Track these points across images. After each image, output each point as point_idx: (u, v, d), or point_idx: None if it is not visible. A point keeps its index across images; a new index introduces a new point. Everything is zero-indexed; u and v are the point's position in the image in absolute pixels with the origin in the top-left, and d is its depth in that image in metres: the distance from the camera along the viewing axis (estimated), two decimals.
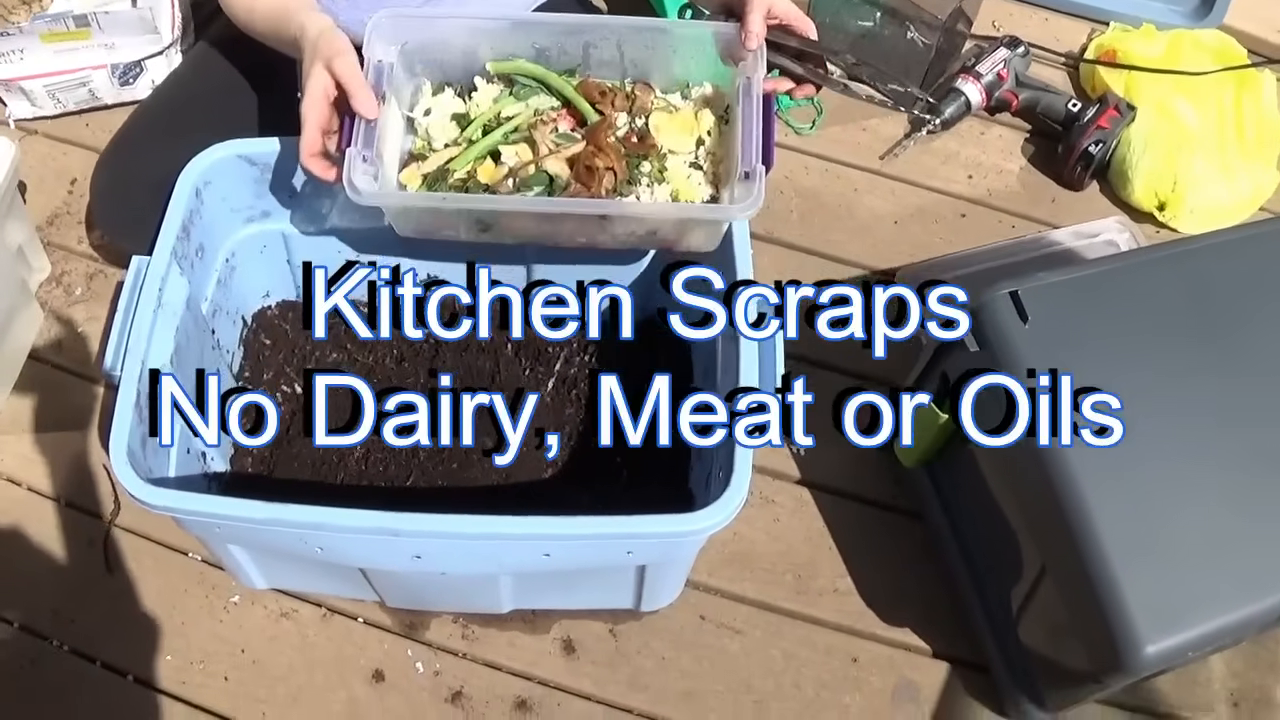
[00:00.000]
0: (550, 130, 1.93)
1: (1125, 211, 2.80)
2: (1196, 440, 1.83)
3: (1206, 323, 1.92)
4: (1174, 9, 3.07)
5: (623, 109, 1.96)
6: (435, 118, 1.98)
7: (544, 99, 1.98)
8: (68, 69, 2.72)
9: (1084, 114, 2.77)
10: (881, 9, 2.87)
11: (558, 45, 1.99)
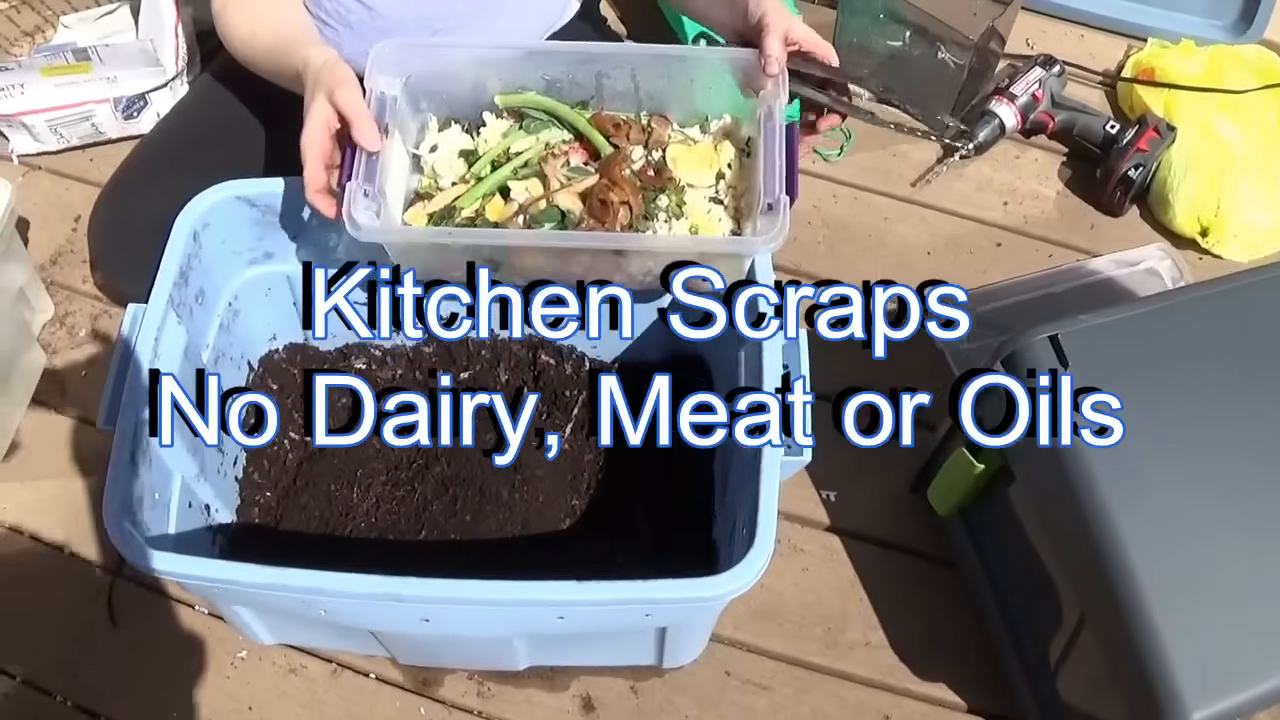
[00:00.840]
0: (562, 164, 1.85)
1: (1166, 237, 2.71)
2: (1248, 491, 1.74)
3: (1255, 366, 1.83)
4: (1213, 23, 2.99)
5: (638, 142, 1.88)
6: (441, 154, 1.91)
7: (555, 132, 1.90)
8: (70, 103, 2.66)
9: (1122, 136, 2.68)
10: (911, 29, 2.79)
11: (569, 76, 1.90)
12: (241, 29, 2.04)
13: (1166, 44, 2.95)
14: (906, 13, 2.75)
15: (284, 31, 1.99)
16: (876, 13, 2.80)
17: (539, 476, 2.07)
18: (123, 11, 2.91)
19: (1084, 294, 2.56)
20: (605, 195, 1.78)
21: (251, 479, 2.12)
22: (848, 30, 2.86)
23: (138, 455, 1.74)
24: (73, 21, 2.91)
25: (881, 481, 2.31)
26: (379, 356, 2.21)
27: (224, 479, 2.06)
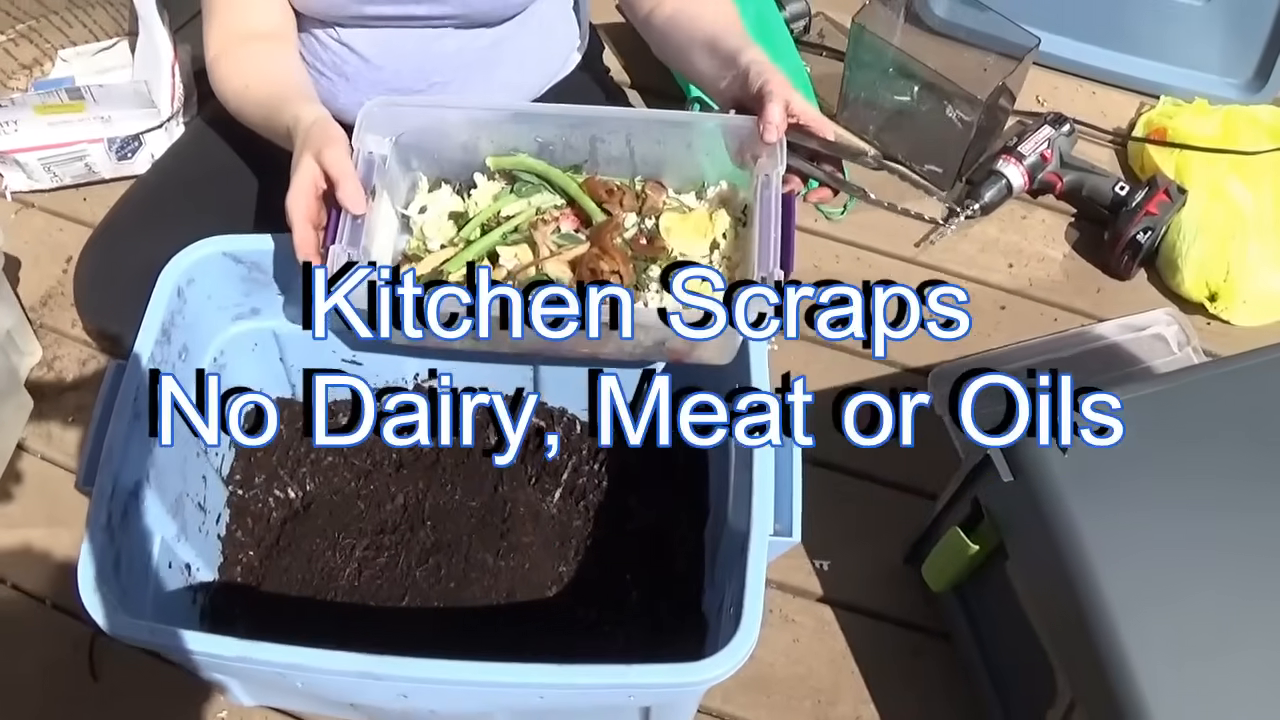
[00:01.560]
0: (552, 230, 1.81)
1: (1174, 301, 2.67)
2: (1251, 577, 1.70)
3: (1263, 449, 1.78)
4: (1228, 81, 2.96)
5: (631, 209, 1.85)
6: (431, 216, 1.88)
7: (547, 196, 1.86)
8: (63, 142, 2.64)
9: (1132, 198, 2.64)
10: (919, 84, 2.76)
11: (562, 139, 1.87)
12: (235, 82, 2.01)
13: (1180, 102, 2.92)
14: (915, 68, 2.72)
15: (277, 87, 1.97)
16: (885, 67, 2.78)
17: (526, 543, 2.04)
18: (121, 47, 2.90)
19: (1089, 360, 2.53)
20: (595, 264, 1.75)
21: (234, 537, 2.09)
22: (855, 84, 2.83)
23: (115, 517, 1.71)
24: (70, 56, 2.90)
25: (875, 551, 2.28)
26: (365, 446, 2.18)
27: (206, 538, 2.03)
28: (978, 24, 2.80)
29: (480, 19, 2.08)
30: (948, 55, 2.80)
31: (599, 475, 2.14)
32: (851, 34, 2.74)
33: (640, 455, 2.15)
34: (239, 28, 2.04)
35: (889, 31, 2.85)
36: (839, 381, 2.50)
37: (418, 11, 2.03)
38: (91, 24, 2.89)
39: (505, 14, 2.10)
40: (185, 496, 1.95)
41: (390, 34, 2.08)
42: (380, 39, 2.09)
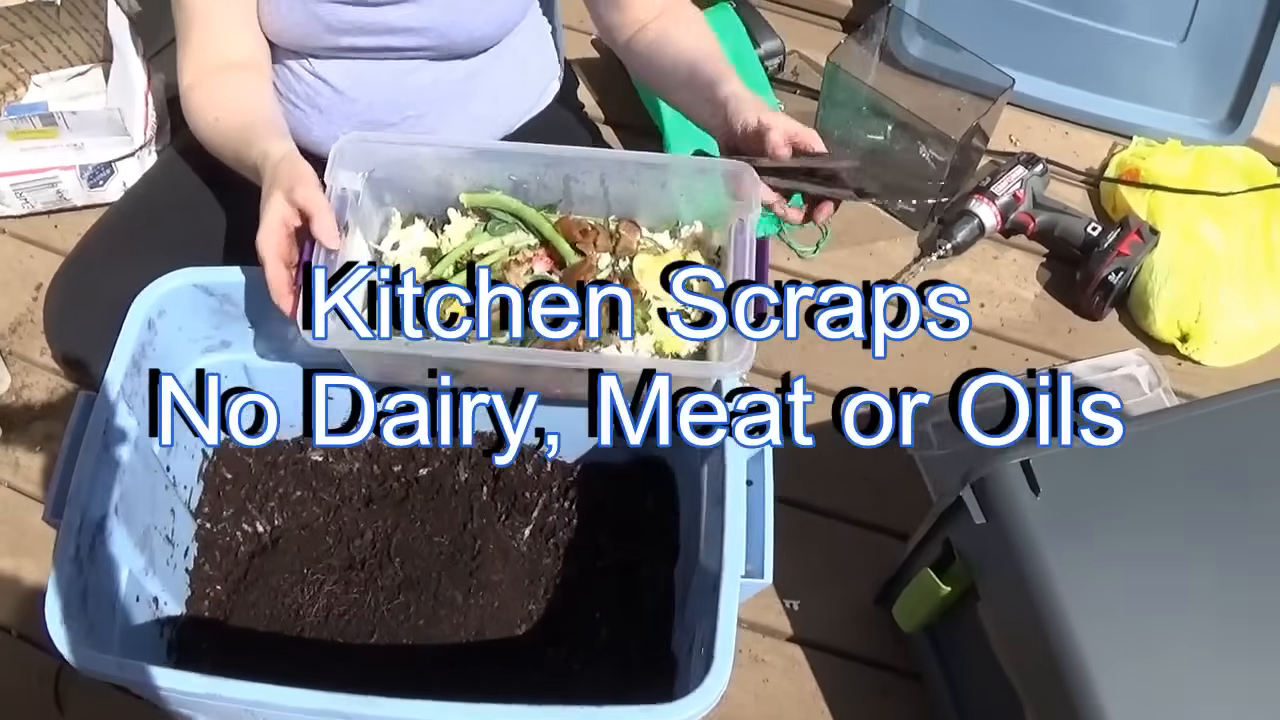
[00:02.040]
0: (525, 272, 1.81)
1: (1146, 342, 2.68)
2: (1219, 618, 1.71)
3: (1231, 492, 1.79)
4: (1201, 122, 2.98)
5: (605, 249, 1.84)
6: (404, 251, 1.87)
7: (521, 236, 1.86)
8: (35, 168, 2.63)
9: (1104, 239, 2.65)
10: (893, 124, 2.77)
11: (536, 178, 1.86)
12: (207, 114, 2.00)
13: (1152, 143, 2.94)
14: (889, 108, 2.73)
15: (248, 120, 1.96)
16: (859, 106, 2.78)
17: (495, 582, 2.02)
18: (95, 73, 2.89)
19: None
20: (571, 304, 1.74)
21: (202, 570, 2.07)
22: (829, 122, 2.84)
23: (83, 550, 1.70)
24: (44, 81, 2.89)
25: (845, 591, 2.27)
26: (336, 449, 2.16)
27: (174, 571, 2.01)
28: (952, 64, 2.81)
29: (455, 50, 2.08)
30: (922, 95, 2.81)
31: (569, 513, 2.13)
32: (826, 73, 2.75)
33: (611, 492, 2.15)
34: (214, 58, 2.04)
35: (863, 70, 2.85)
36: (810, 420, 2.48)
37: (392, 43, 2.03)
38: (66, 50, 2.89)
39: (480, 45, 2.09)
40: (153, 529, 1.94)
41: (364, 66, 2.08)
42: (354, 71, 2.08)
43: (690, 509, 2.00)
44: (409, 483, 2.14)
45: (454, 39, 2.04)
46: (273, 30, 2.04)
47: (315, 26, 2.00)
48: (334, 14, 1.98)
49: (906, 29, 2.91)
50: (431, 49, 2.06)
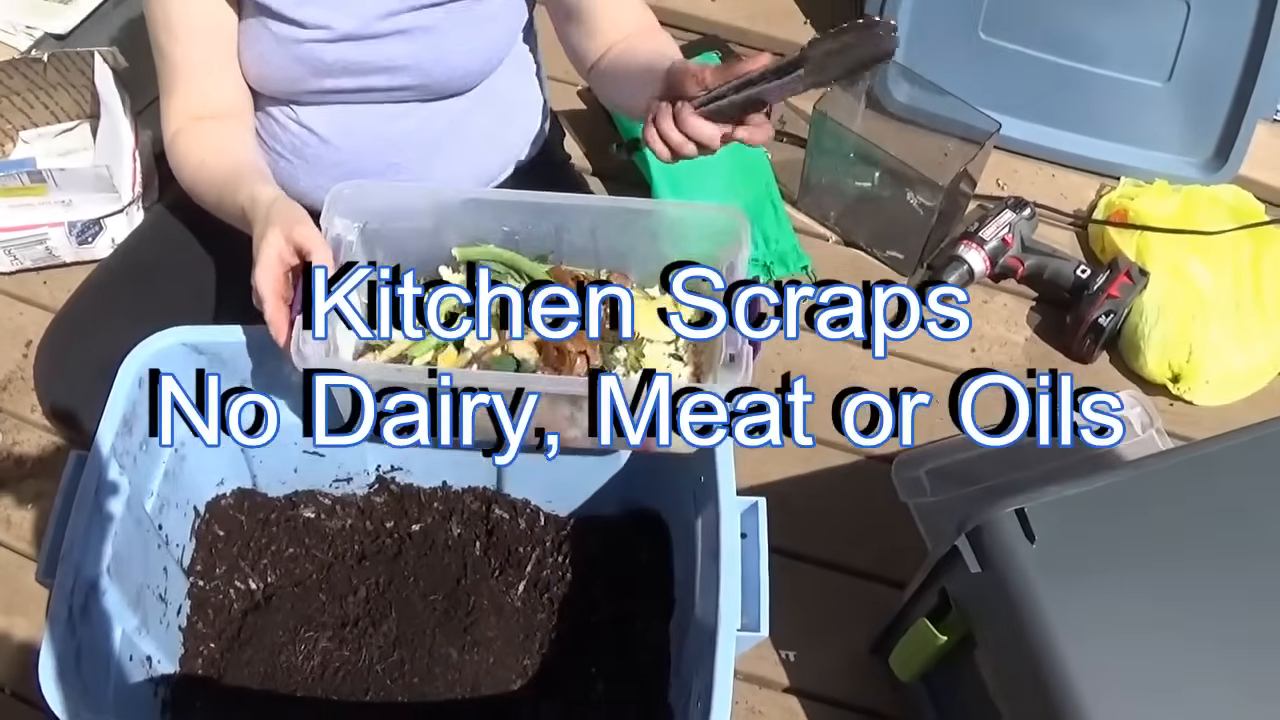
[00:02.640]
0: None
1: (1137, 383, 2.68)
2: (1217, 663, 1.70)
3: (1227, 536, 1.80)
4: (1188, 161, 2.98)
5: (596, 297, 1.84)
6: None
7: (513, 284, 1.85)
8: (24, 225, 2.63)
9: (1093, 281, 2.65)
10: (880, 170, 2.77)
11: (527, 228, 1.87)
12: (192, 159, 2.01)
13: (1140, 183, 2.94)
14: (876, 154, 2.73)
15: (233, 164, 1.97)
16: (846, 153, 2.78)
17: (490, 638, 2.01)
18: (83, 129, 2.89)
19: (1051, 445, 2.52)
20: (562, 344, 1.75)
21: (195, 628, 2.06)
22: (817, 169, 2.84)
23: (76, 610, 1.69)
24: (32, 137, 2.89)
25: (841, 641, 2.26)
26: (328, 505, 2.15)
27: (167, 629, 2.00)
28: (938, 109, 2.82)
29: (440, 88, 2.08)
30: (909, 141, 2.82)
31: (563, 567, 2.12)
32: (813, 121, 2.75)
33: (605, 546, 2.14)
34: (197, 106, 2.04)
35: (850, 118, 2.86)
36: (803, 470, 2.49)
37: (377, 82, 2.03)
38: (54, 105, 2.88)
39: (465, 83, 2.09)
40: (146, 588, 1.93)
41: (348, 113, 2.08)
42: (338, 119, 2.08)
43: (685, 562, 1.99)
44: (402, 538, 2.13)
45: (438, 76, 2.04)
46: (256, 77, 2.04)
47: (299, 70, 2.00)
48: (316, 55, 1.98)
49: (892, 75, 2.91)
50: (416, 88, 2.06)
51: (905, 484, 2.45)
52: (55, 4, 2.91)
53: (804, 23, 3.24)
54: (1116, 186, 2.97)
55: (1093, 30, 2.89)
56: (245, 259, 1.77)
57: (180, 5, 1.99)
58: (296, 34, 1.97)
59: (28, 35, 2.85)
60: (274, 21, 1.97)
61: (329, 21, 1.95)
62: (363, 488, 2.15)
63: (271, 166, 2.11)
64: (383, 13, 1.95)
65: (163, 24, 2.01)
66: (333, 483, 2.15)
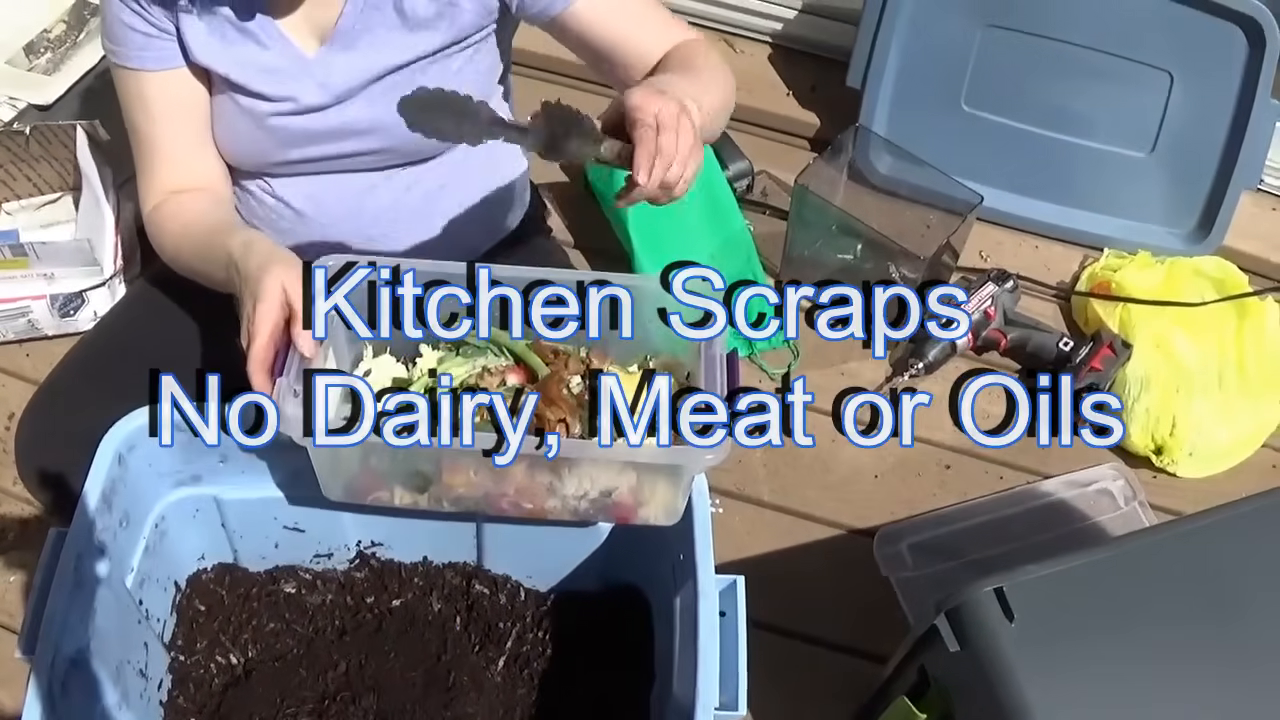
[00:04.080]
0: (498, 383, 1.80)
1: (1120, 456, 2.68)
2: None
3: (1211, 614, 1.79)
4: (1172, 232, 2.99)
5: (577, 371, 1.84)
6: (374, 379, 1.88)
7: (492, 359, 1.85)
8: (6, 298, 2.63)
9: (1076, 353, 2.65)
10: (862, 242, 2.77)
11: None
12: (173, 225, 2.03)
13: (1123, 255, 2.95)
14: (858, 227, 2.74)
15: (217, 225, 1.98)
16: (828, 225, 2.79)
17: (471, 713, 2.01)
18: (65, 201, 2.89)
19: (1036, 517, 2.54)
20: (542, 413, 1.75)
21: (176, 703, 2.05)
22: (798, 243, 2.84)
23: (55, 686, 1.68)
24: (14, 209, 2.89)
25: (823, 717, 2.26)
26: (309, 580, 2.15)
27: (147, 704, 1.99)
28: (921, 181, 2.83)
29: (410, 152, 2.10)
30: (891, 213, 2.83)
31: (544, 642, 2.11)
32: (795, 194, 2.76)
33: (585, 621, 2.13)
34: (174, 183, 2.06)
35: (832, 190, 2.87)
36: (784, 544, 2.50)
37: (345, 148, 2.04)
38: (36, 178, 2.88)
39: (435, 149, 2.10)
40: (126, 663, 1.92)
41: (321, 184, 2.09)
42: (312, 191, 2.09)
43: (665, 637, 1.98)
44: (382, 614, 2.13)
45: (405, 136, 2.04)
46: (228, 150, 2.05)
47: (267, 143, 2.02)
48: (282, 126, 1.99)
49: (874, 148, 2.92)
50: (384, 151, 2.07)
51: (887, 558, 2.45)
52: (38, 76, 2.92)
53: (786, 94, 3.25)
54: (1100, 258, 2.98)
55: (1076, 102, 2.90)
56: (226, 333, 1.77)
57: (156, 85, 2.00)
58: (262, 107, 1.98)
59: (10, 106, 2.85)
60: (240, 95, 1.98)
61: (294, 94, 1.96)
62: (343, 563, 2.15)
63: None
64: (350, 86, 1.96)
65: (139, 105, 2.02)
66: (313, 558, 2.14)
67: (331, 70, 1.95)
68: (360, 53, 1.94)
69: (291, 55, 1.95)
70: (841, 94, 3.06)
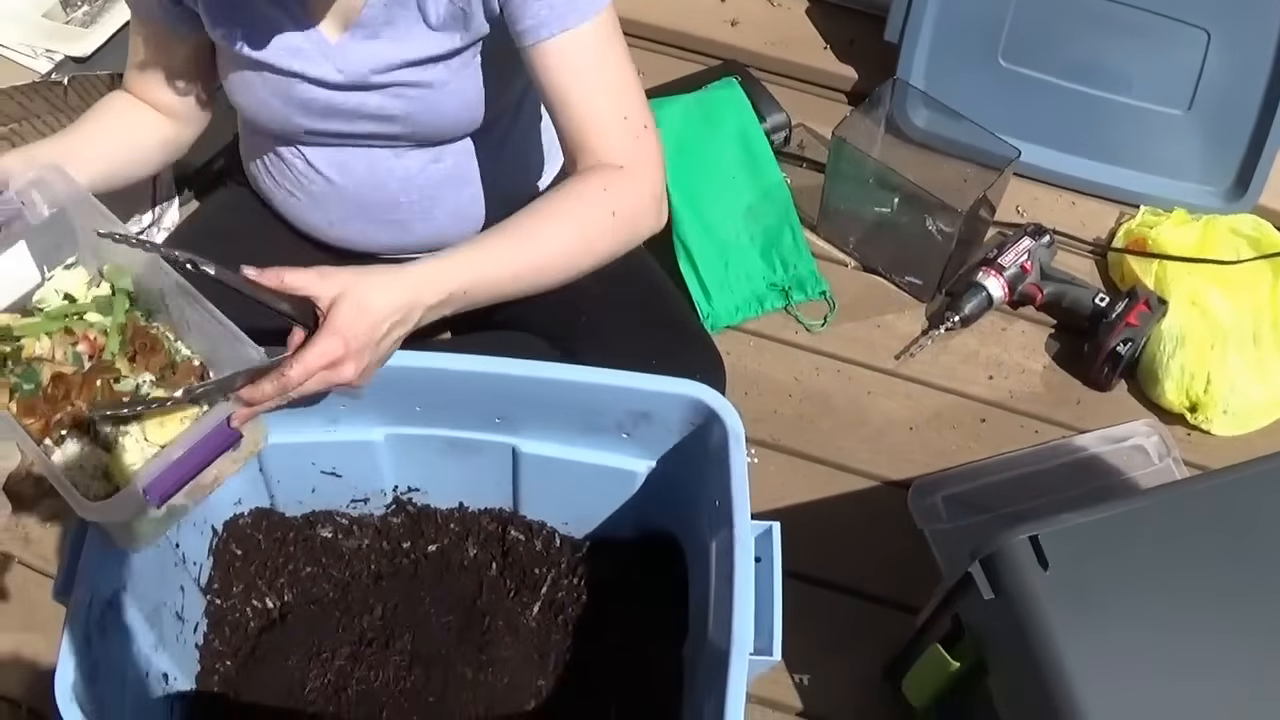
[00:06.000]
0: (64, 353, 1.70)
1: (1155, 412, 2.67)
2: (1233, 695, 1.69)
3: (1242, 565, 1.78)
4: (1208, 190, 2.97)
5: (155, 368, 1.71)
6: (57, 284, 1.77)
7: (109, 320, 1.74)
8: None
9: (1112, 309, 2.64)
10: (899, 196, 2.77)
11: (161, 285, 1.74)
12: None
13: (1159, 212, 2.92)
14: (895, 180, 2.73)
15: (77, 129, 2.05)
16: (865, 179, 2.78)
17: (505, 657, 2.02)
18: None
19: (1070, 472, 2.53)
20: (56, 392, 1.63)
21: (212, 646, 2.07)
22: (835, 196, 2.84)
23: (92, 627, 1.70)
24: None
25: (855, 666, 2.26)
26: (345, 525, 2.16)
27: (183, 647, 2.01)
28: (958, 135, 2.81)
29: (432, 138, 2.09)
30: (928, 167, 2.82)
31: (578, 588, 2.12)
32: (832, 146, 2.76)
33: (619, 569, 2.14)
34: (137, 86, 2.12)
35: (869, 143, 2.86)
36: (819, 494, 2.50)
37: (367, 128, 2.04)
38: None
39: (456, 134, 2.09)
40: (163, 606, 1.94)
41: (348, 154, 2.09)
42: (339, 159, 2.10)
43: (700, 586, 1.99)
44: (418, 559, 2.14)
45: (430, 124, 2.03)
46: (246, 106, 2.05)
47: (286, 107, 2.02)
48: (308, 96, 1.99)
49: (912, 101, 2.91)
50: (407, 136, 2.07)
51: (921, 510, 2.45)
52: (75, 28, 2.91)
53: (824, 48, 3.24)
54: (1136, 215, 2.96)
55: (1113, 58, 2.88)
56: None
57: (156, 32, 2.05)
58: (281, 81, 1.99)
59: (48, 59, 2.85)
60: (266, 71, 1.98)
61: (320, 75, 1.96)
62: (380, 508, 2.16)
63: (282, 203, 2.19)
64: (375, 68, 1.96)
65: (135, 28, 2.07)
66: (350, 503, 2.15)
67: (349, 57, 1.94)
68: (381, 43, 1.93)
69: (315, 39, 1.94)
70: (879, 48, 3.05)
